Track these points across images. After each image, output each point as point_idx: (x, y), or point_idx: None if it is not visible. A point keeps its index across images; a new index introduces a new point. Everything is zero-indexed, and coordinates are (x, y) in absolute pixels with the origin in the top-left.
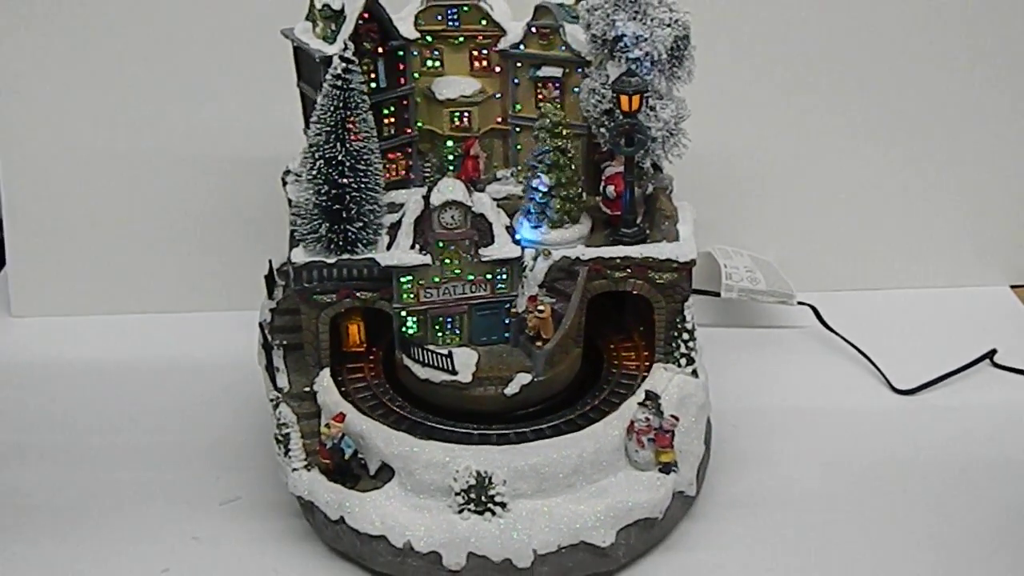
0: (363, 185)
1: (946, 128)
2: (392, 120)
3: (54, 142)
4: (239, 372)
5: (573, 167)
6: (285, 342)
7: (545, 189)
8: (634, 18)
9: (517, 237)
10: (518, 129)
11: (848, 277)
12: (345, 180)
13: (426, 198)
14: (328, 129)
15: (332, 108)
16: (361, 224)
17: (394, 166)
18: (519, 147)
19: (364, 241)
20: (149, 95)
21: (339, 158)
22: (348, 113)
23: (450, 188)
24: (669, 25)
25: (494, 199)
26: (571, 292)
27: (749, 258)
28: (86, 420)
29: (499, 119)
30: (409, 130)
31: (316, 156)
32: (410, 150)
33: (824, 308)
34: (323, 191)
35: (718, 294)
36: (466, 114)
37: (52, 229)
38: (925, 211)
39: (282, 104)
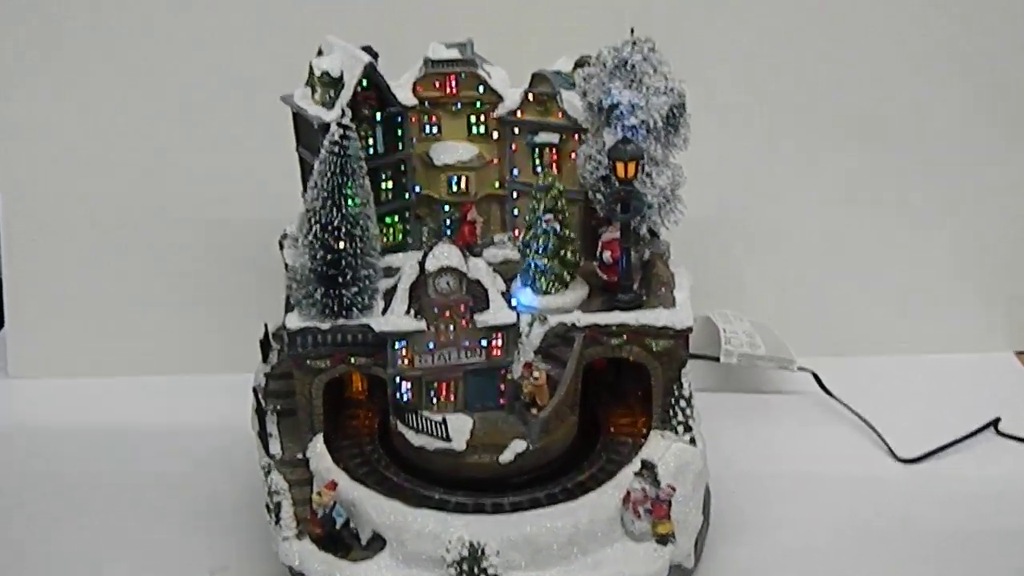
0: (359, 250)
1: (950, 191)
2: (390, 185)
3: (55, 203)
4: (234, 435)
5: (570, 233)
6: (279, 407)
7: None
8: (629, 86)
9: (513, 302)
10: (515, 194)
11: (849, 342)
12: (341, 245)
13: (421, 263)
14: (325, 194)
15: (329, 174)
16: (356, 289)
17: (391, 230)
18: (516, 212)
19: (359, 306)
20: (150, 157)
21: (335, 223)
22: (345, 179)
23: (445, 254)
24: (664, 93)
25: (491, 264)
26: (567, 359)
27: (749, 323)
28: (78, 483)
29: (496, 184)
30: (407, 195)
31: (312, 221)
32: (407, 215)
33: (825, 373)
34: (319, 256)
35: (717, 359)
36: (464, 179)
37: (51, 291)
38: (928, 275)
39: (281, 168)
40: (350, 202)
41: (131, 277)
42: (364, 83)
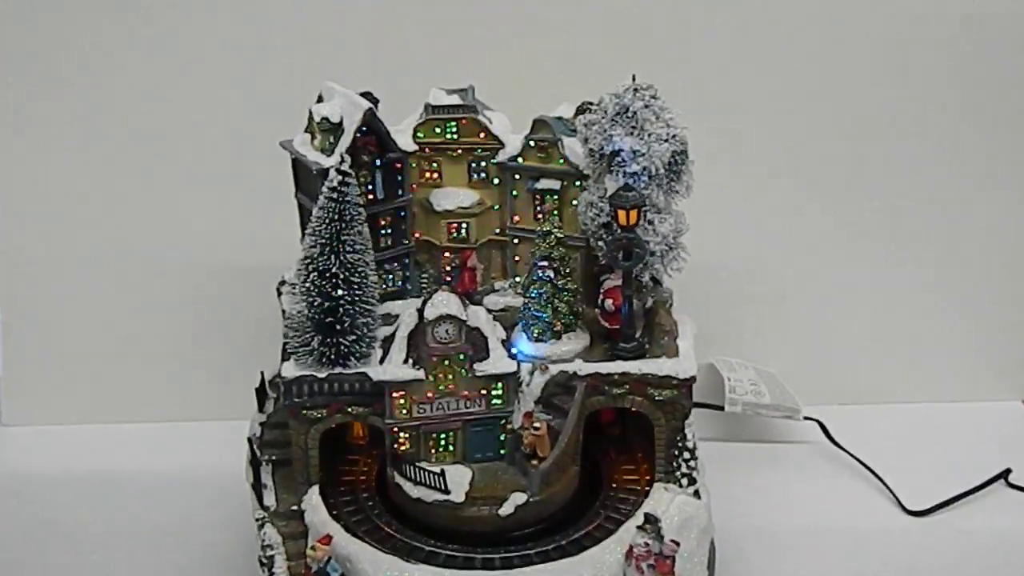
0: (357, 298)
1: (957, 239)
2: (389, 231)
3: (50, 250)
4: (229, 484)
5: (567, 282)
6: (275, 457)
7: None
8: (631, 133)
9: (514, 351)
10: (516, 240)
11: (856, 391)
12: (339, 293)
13: (420, 311)
14: (323, 241)
15: (327, 220)
16: (354, 337)
17: (391, 277)
18: (517, 258)
19: (357, 355)
20: (146, 204)
21: (333, 270)
22: (343, 225)
23: (444, 302)
24: (667, 140)
25: (491, 311)
26: (569, 408)
27: (753, 370)
28: (71, 531)
29: (497, 230)
30: (406, 241)
31: (310, 268)
32: (407, 261)
33: (831, 423)
34: (316, 303)
35: (721, 408)
36: (464, 225)
37: (46, 338)
38: (935, 323)
39: (280, 214)
40: (348, 249)
41: (127, 324)
42: (364, 129)
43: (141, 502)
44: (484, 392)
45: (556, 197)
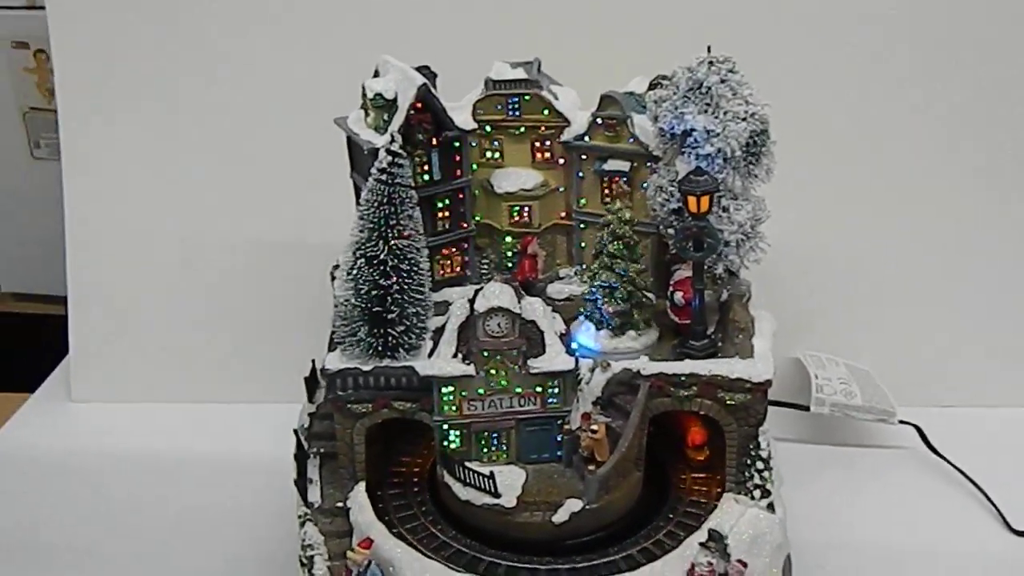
0: (407, 286)
1: None
2: (447, 214)
3: (118, 232)
4: (286, 469)
5: (636, 275)
6: (323, 450)
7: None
8: (705, 111)
9: (573, 345)
10: (582, 225)
11: (958, 392)
12: (388, 281)
13: (471, 302)
14: (371, 226)
15: (376, 204)
16: (403, 328)
17: (449, 263)
18: (583, 244)
19: (406, 346)
20: (207, 185)
21: (381, 257)
22: (392, 209)
23: (496, 293)
24: (744, 119)
25: (554, 300)
26: (630, 408)
27: (844, 367)
28: (122, 512)
29: (562, 214)
30: (465, 224)
31: (357, 254)
32: (466, 246)
33: (930, 428)
34: (363, 292)
35: (807, 408)
36: (526, 208)
37: (114, 317)
38: None
39: (340, 193)
40: (398, 234)
41: (191, 305)
42: (418, 106)
43: (196, 486)
44: (539, 390)
45: (625, 179)
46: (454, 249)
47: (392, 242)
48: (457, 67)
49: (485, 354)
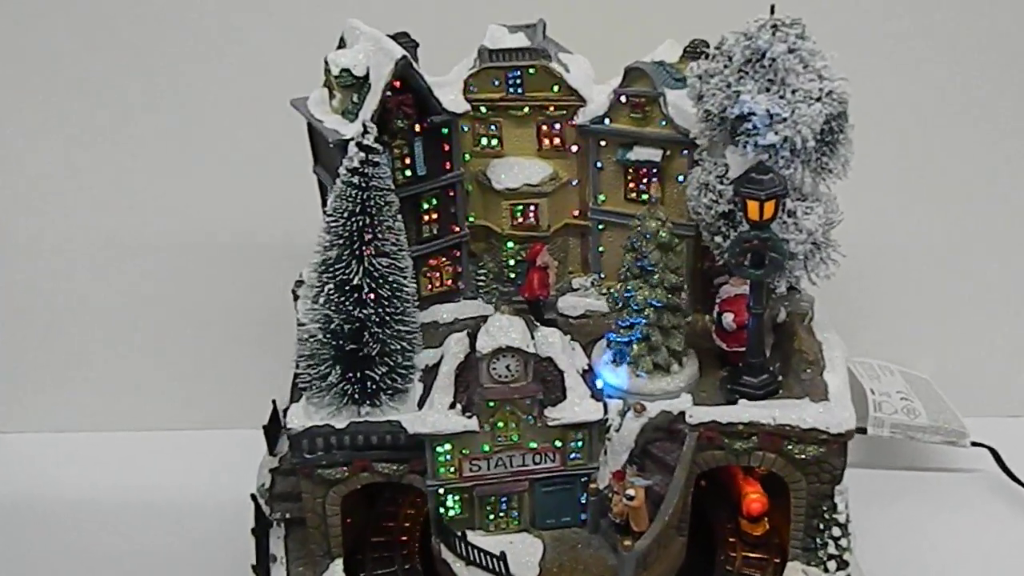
0: (389, 316)
1: None
2: (435, 217)
3: (36, 241)
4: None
5: (676, 285)
6: (288, 515)
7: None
8: (767, 89)
9: (598, 382)
10: (601, 227)
11: None
12: (364, 311)
13: (472, 339)
14: (341, 241)
15: (347, 213)
16: (386, 369)
17: (438, 275)
18: (602, 249)
19: (389, 391)
20: (145, 182)
21: (355, 281)
22: (368, 220)
23: (503, 329)
24: (819, 99)
25: (568, 317)
26: (671, 461)
27: (901, 376)
28: (51, 548)
29: (576, 213)
30: (457, 228)
31: (325, 277)
32: (459, 254)
33: (1006, 448)
34: (334, 325)
35: (864, 430)
36: (532, 208)
37: (39, 341)
38: None
39: (304, 188)
40: (376, 251)
41: (125, 318)
42: (397, 85)
43: (132, 528)
44: (559, 444)
45: (655, 171)
46: (444, 259)
47: (368, 261)
48: (443, 34)
49: (491, 404)
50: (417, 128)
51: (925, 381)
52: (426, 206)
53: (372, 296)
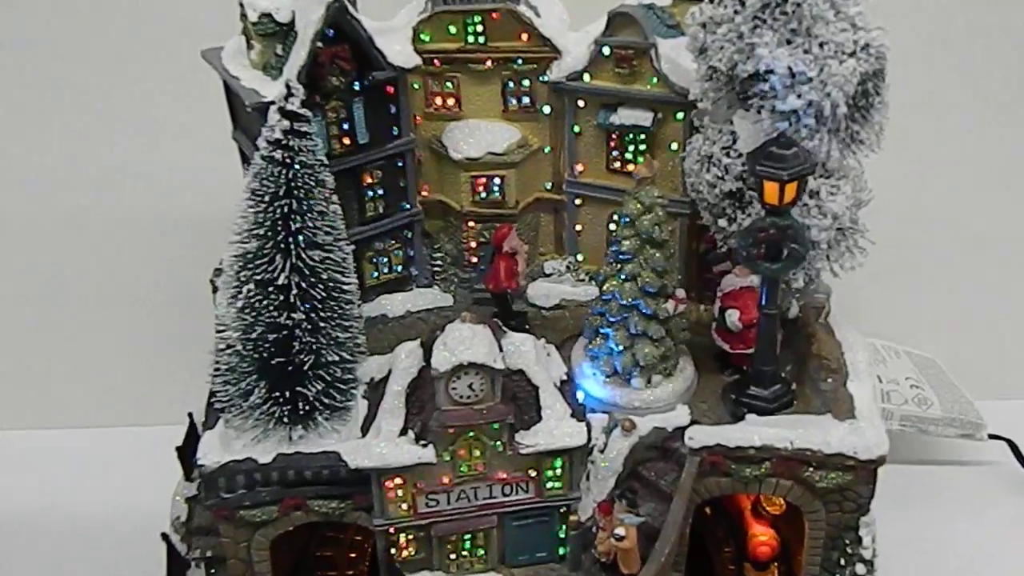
0: (324, 321)
1: None
2: (380, 193)
3: None
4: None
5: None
6: (210, 553)
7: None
8: (790, 41)
9: (579, 393)
10: (578, 202)
11: None
12: (294, 316)
13: (426, 349)
14: (262, 232)
15: (268, 196)
16: (322, 385)
17: (385, 261)
18: (579, 228)
19: (326, 410)
20: (49, 151)
21: (281, 280)
22: (295, 203)
23: (465, 342)
24: (852, 54)
25: (539, 308)
26: (666, 487)
27: (908, 359)
28: None
29: (549, 185)
30: (408, 205)
31: (243, 276)
32: (410, 235)
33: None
34: (257, 334)
35: None
36: (497, 180)
37: None
38: None
39: (224, 153)
40: (306, 241)
41: (28, 304)
42: (330, 32)
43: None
44: (534, 473)
45: (645, 138)
46: (393, 242)
47: (297, 255)
48: None
49: (451, 431)
50: (356, 86)
51: (933, 363)
52: (369, 180)
53: (302, 297)
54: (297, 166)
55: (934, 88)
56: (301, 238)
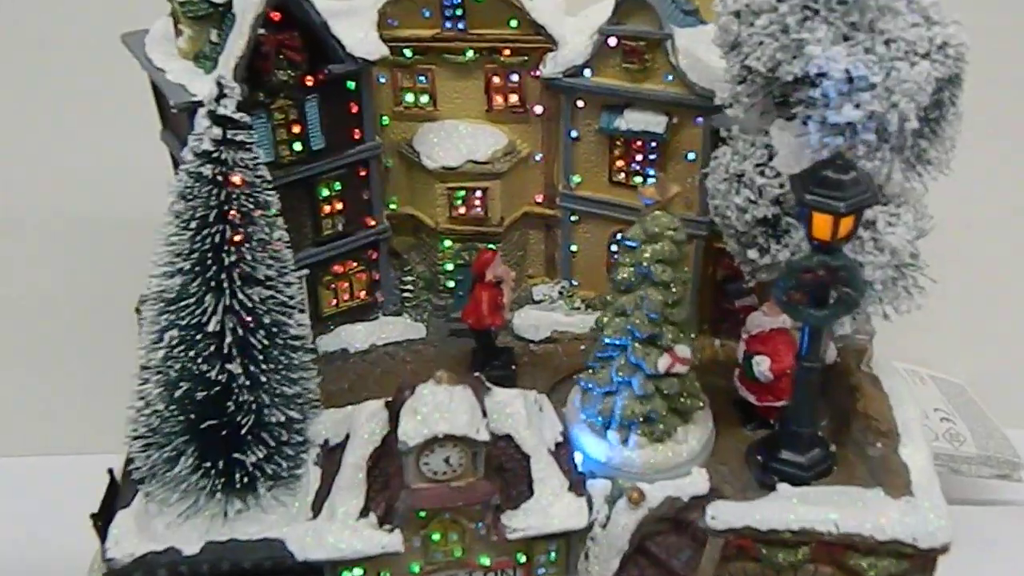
0: (266, 373)
1: None
2: (339, 207)
3: None
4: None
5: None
6: None
7: (641, 391)
8: (848, 38)
9: (576, 456)
10: (574, 218)
11: None
12: (228, 368)
13: (393, 411)
14: (187, 266)
15: (195, 223)
16: (264, 451)
17: (346, 285)
18: (575, 248)
19: (270, 479)
20: None
21: (212, 327)
22: (230, 231)
23: (440, 408)
24: (926, 55)
25: (528, 341)
26: (679, 568)
27: (935, 386)
28: None
29: (539, 199)
30: (372, 221)
31: (166, 320)
32: (375, 255)
33: None
34: (184, 390)
35: None
36: (479, 193)
37: None
38: None
39: (155, 157)
40: (245, 276)
41: None
42: (275, 17)
43: None
44: (523, 559)
45: (656, 147)
46: (355, 263)
47: (233, 294)
48: None
49: (422, 515)
50: (309, 81)
51: (961, 389)
52: (326, 193)
53: (239, 346)
54: (233, 184)
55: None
56: (237, 273)
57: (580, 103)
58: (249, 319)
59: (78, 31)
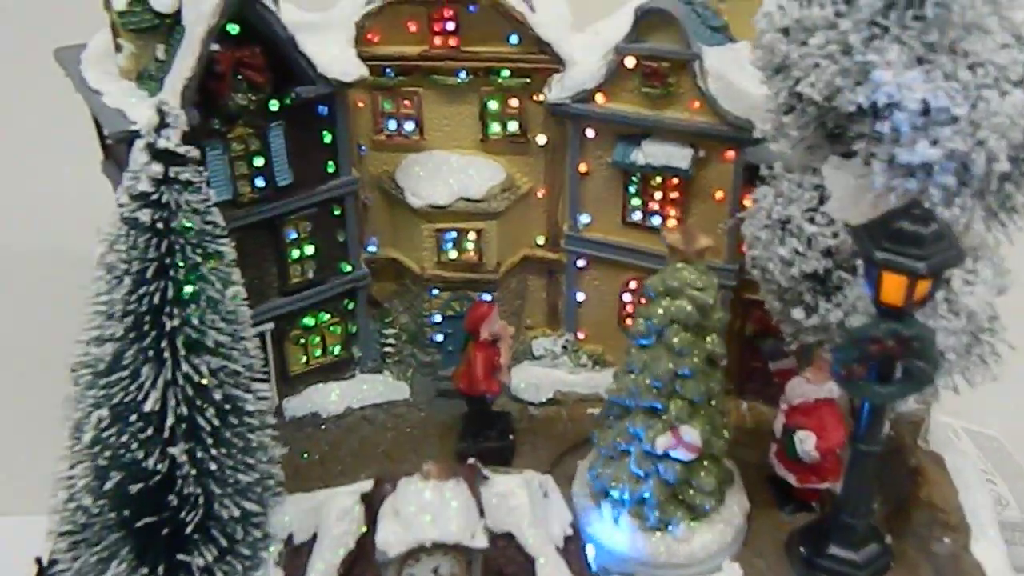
0: (216, 460)
1: None
2: (309, 251)
3: None
4: None
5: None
6: None
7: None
8: (923, 60)
9: (588, 549)
10: (581, 263)
11: None
12: (170, 454)
13: (370, 508)
14: (121, 331)
15: (130, 279)
16: (215, 552)
17: (318, 340)
18: (581, 297)
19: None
20: None
21: (148, 405)
22: (171, 289)
23: (427, 510)
24: (1020, 82)
25: (526, 404)
26: None
27: (970, 441)
28: None
29: (541, 240)
30: (348, 267)
31: (96, 396)
32: (351, 305)
33: None
34: (113, 483)
35: None
36: (472, 235)
37: None
38: None
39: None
40: (188, 345)
41: None
42: (233, 30)
43: None
44: None
45: (679, 183)
46: (328, 315)
47: (175, 366)
48: None
49: None
50: (273, 106)
51: (997, 442)
52: (295, 235)
53: (185, 427)
54: (176, 232)
55: None
56: (181, 340)
57: (590, 132)
58: (195, 396)
59: (14, 44)
